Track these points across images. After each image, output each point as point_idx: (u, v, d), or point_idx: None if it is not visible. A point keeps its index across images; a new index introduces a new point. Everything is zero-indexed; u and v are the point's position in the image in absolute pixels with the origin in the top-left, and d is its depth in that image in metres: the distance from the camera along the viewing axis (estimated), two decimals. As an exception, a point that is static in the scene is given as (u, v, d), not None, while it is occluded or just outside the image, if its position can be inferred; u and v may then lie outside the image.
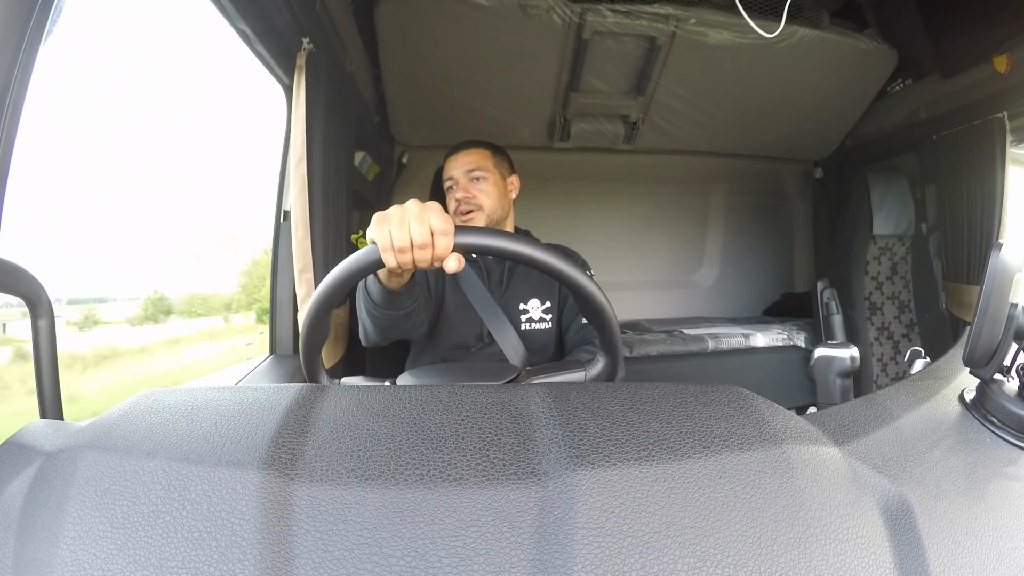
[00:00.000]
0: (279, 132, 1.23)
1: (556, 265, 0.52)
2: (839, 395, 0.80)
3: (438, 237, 0.52)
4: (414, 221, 0.51)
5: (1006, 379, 0.45)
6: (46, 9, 0.49)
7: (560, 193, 2.23)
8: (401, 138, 1.97)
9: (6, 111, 0.46)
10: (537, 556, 0.29)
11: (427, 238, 0.51)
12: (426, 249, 0.52)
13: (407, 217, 0.52)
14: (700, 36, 1.53)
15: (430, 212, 0.52)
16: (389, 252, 0.52)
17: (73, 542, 0.30)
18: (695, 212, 2.46)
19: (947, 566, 0.33)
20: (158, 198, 1.38)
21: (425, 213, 0.52)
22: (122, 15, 1.08)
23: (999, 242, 0.47)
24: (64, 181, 1.06)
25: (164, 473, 0.33)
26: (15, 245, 0.48)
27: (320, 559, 0.29)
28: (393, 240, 0.52)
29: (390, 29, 1.47)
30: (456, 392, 0.42)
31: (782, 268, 2.52)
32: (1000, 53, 1.48)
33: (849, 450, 0.39)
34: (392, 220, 0.52)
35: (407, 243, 0.52)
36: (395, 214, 0.52)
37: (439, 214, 0.52)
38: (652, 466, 0.33)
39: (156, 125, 1.30)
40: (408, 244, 0.52)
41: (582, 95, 1.75)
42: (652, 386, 0.43)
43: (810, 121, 2.01)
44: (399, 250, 0.52)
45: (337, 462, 0.34)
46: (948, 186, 1.74)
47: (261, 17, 1.00)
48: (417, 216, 0.52)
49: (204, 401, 0.41)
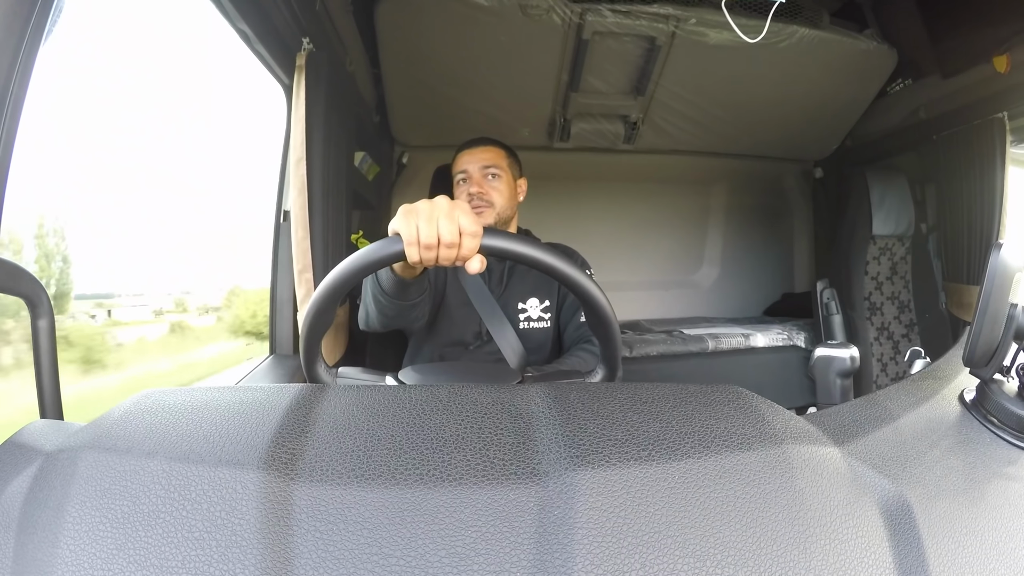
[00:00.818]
0: (279, 132, 1.23)
1: (582, 282, 0.52)
2: (839, 395, 0.80)
3: (466, 238, 0.51)
4: (444, 219, 0.50)
5: (1006, 379, 0.45)
6: (46, 9, 0.49)
7: (560, 193, 2.23)
8: (401, 138, 1.97)
9: (6, 111, 0.46)
10: (537, 556, 0.29)
11: (455, 237, 0.51)
12: (453, 249, 0.51)
13: (436, 213, 0.51)
14: (700, 36, 1.53)
15: (460, 211, 0.51)
16: (414, 247, 0.51)
17: (73, 542, 0.30)
18: (695, 212, 2.46)
19: (947, 566, 0.33)
20: (158, 198, 1.38)
21: (455, 212, 0.51)
22: (122, 15, 1.08)
23: (999, 242, 0.47)
24: (63, 181, 1.06)
25: (164, 473, 0.33)
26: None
27: (320, 559, 0.29)
28: (420, 235, 0.51)
29: (390, 29, 1.47)
30: (456, 392, 0.42)
31: (782, 268, 2.52)
32: (1000, 53, 1.48)
33: (849, 450, 0.39)
34: (421, 215, 0.51)
35: (434, 240, 0.51)
36: (424, 208, 0.51)
37: (469, 214, 0.51)
38: (652, 466, 0.33)
39: (156, 125, 1.30)
40: (435, 241, 0.51)
41: (582, 95, 1.75)
42: (652, 386, 0.43)
43: (810, 121, 2.01)
44: (425, 246, 0.51)
45: (337, 462, 0.34)
46: (948, 186, 1.74)
47: (261, 17, 1.00)
48: (447, 214, 0.51)
49: (204, 401, 0.41)
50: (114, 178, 1.23)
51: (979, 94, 1.60)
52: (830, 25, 1.61)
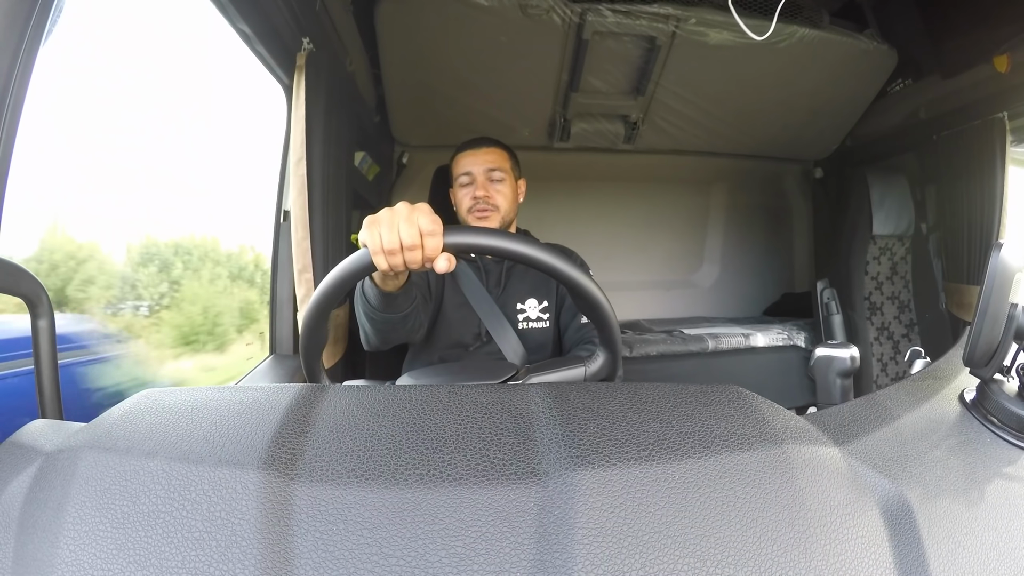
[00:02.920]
0: (279, 132, 1.23)
1: (548, 261, 0.52)
2: (839, 395, 0.80)
3: (427, 238, 0.52)
4: (403, 223, 0.52)
5: (1006, 379, 0.45)
6: (46, 9, 0.49)
7: (560, 193, 2.23)
8: (401, 138, 1.97)
9: (6, 111, 0.46)
10: (537, 556, 0.29)
11: (416, 239, 0.52)
12: (415, 250, 0.52)
13: (396, 219, 0.52)
14: (700, 36, 1.53)
15: (418, 213, 0.52)
16: (380, 255, 0.53)
17: (73, 542, 0.30)
18: (695, 212, 2.46)
19: (947, 566, 0.33)
20: (156, 198, 1.38)
21: (414, 214, 0.52)
22: (122, 15, 1.08)
23: (999, 242, 0.47)
24: (62, 180, 1.06)
25: (164, 473, 0.33)
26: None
27: (320, 559, 0.29)
28: (383, 242, 0.52)
29: (390, 29, 1.47)
30: (456, 392, 0.42)
31: (782, 268, 2.52)
32: (1000, 53, 1.48)
33: (849, 450, 0.39)
34: (381, 223, 0.52)
35: (396, 245, 0.52)
36: (384, 217, 0.53)
37: (427, 215, 0.52)
38: (652, 466, 0.33)
39: (156, 125, 1.30)
40: (398, 246, 0.52)
41: (582, 95, 1.75)
42: (652, 386, 0.43)
43: (810, 121, 2.01)
44: (389, 252, 0.52)
45: (337, 462, 0.34)
46: (948, 186, 1.74)
47: (261, 17, 1.00)
48: (406, 218, 0.52)
49: (204, 401, 0.41)
50: (112, 178, 1.23)
51: (979, 94, 1.60)
52: (830, 25, 1.61)
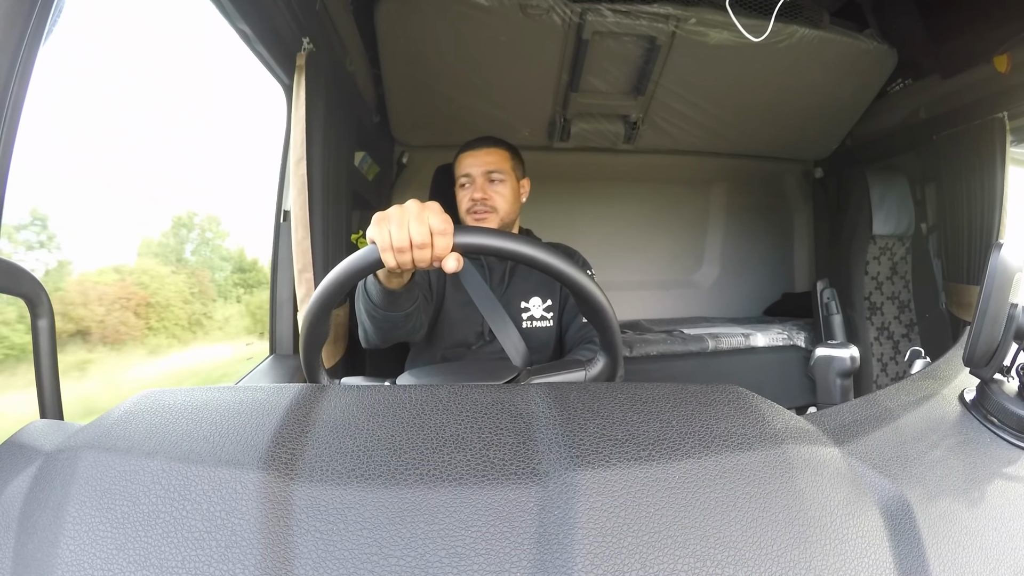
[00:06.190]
0: (279, 132, 1.23)
1: (553, 263, 0.52)
2: (839, 395, 0.80)
3: (437, 237, 0.52)
4: (413, 221, 0.52)
5: (1006, 379, 0.45)
6: (46, 9, 0.49)
7: (560, 193, 2.23)
8: (401, 138, 1.97)
9: (6, 111, 0.46)
10: (537, 556, 0.29)
11: (426, 238, 0.52)
12: (425, 249, 0.52)
13: (406, 217, 0.52)
14: (700, 36, 1.53)
15: (429, 212, 0.52)
16: (388, 252, 0.53)
17: (73, 542, 0.30)
18: (695, 212, 2.46)
19: (947, 566, 0.33)
20: (156, 197, 1.38)
21: (424, 213, 0.52)
22: (122, 15, 1.08)
23: (999, 242, 0.47)
24: (62, 180, 1.06)
25: (164, 473, 0.33)
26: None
27: (320, 559, 0.29)
28: (392, 240, 0.52)
29: (390, 29, 1.47)
30: (456, 392, 0.42)
31: (782, 268, 2.52)
32: (1000, 53, 1.48)
33: (849, 450, 0.39)
34: (392, 220, 0.52)
35: (406, 243, 0.52)
36: (394, 214, 0.53)
37: (438, 214, 0.52)
38: (652, 466, 0.33)
39: (155, 125, 1.30)
40: (407, 244, 0.52)
41: (582, 95, 1.75)
42: (652, 386, 0.43)
43: (810, 121, 2.01)
44: (398, 250, 0.52)
45: (337, 462, 0.34)
46: (948, 186, 1.74)
47: (261, 17, 1.00)
48: (416, 216, 0.52)
49: (204, 401, 0.41)
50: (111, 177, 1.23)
51: (979, 94, 1.60)
52: (830, 25, 1.61)
